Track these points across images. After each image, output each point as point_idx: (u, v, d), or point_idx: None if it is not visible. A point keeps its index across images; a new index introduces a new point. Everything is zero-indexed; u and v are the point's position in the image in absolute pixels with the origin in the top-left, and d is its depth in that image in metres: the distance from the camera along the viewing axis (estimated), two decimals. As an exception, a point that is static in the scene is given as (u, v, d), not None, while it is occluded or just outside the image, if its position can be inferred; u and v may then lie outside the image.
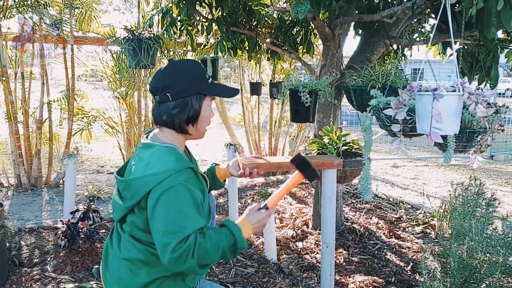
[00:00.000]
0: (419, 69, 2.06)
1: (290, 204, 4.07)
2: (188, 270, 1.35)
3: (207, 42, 4.50)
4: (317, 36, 3.69)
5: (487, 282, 1.86)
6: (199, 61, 4.01)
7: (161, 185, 1.36)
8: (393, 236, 3.28)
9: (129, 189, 1.43)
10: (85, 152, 5.53)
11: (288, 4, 3.31)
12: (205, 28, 3.78)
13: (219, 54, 3.76)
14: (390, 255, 2.97)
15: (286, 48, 3.70)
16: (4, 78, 4.13)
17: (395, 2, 2.74)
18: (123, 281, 1.48)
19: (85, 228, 2.73)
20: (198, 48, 4.51)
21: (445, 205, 3.39)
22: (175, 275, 1.50)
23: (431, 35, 2.03)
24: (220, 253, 1.38)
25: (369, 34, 3.07)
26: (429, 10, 2.89)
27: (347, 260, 2.87)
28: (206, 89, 1.50)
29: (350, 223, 3.50)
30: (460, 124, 1.49)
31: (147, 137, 1.57)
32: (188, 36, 3.76)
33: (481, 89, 1.51)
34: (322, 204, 2.28)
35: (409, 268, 2.78)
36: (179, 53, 4.86)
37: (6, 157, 5.03)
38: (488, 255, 1.86)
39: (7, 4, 4.07)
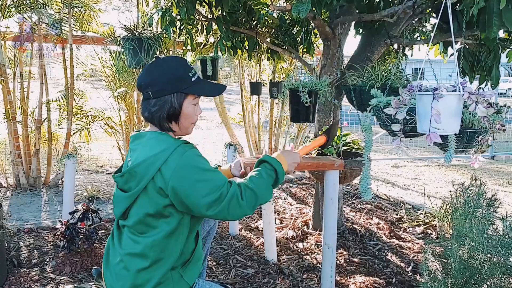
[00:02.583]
0: (420, 68, 2.05)
1: (290, 205, 4.06)
2: (241, 214, 1.44)
3: (207, 42, 4.49)
4: (318, 35, 3.68)
5: (488, 283, 1.84)
6: (199, 60, 4.01)
7: (171, 159, 1.39)
8: (393, 237, 3.27)
9: (134, 176, 1.44)
10: (84, 152, 5.51)
11: (288, 3, 3.29)
12: (204, 27, 3.77)
13: (219, 53, 3.75)
14: (391, 256, 2.95)
15: (286, 47, 3.69)
16: (3, 78, 4.12)
17: (395, 2, 2.72)
18: (123, 277, 1.49)
19: (84, 229, 2.72)
20: (198, 48, 4.49)
21: (446, 206, 3.37)
22: (174, 272, 1.49)
23: (432, 35, 2.02)
24: (266, 189, 1.51)
25: (369, 33, 3.06)
26: (430, 9, 2.87)
27: (348, 260, 2.86)
28: (187, 88, 1.49)
29: (350, 224, 3.49)
30: (460, 124, 1.48)
31: None
32: (187, 35, 3.75)
33: (482, 89, 1.50)
34: (324, 205, 2.27)
35: (410, 268, 2.76)
36: (179, 53, 4.85)
37: (4, 157, 5.01)
38: (489, 255, 1.85)
39: (6, 3, 4.06)
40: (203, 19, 3.72)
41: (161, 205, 1.42)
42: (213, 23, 3.63)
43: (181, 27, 3.62)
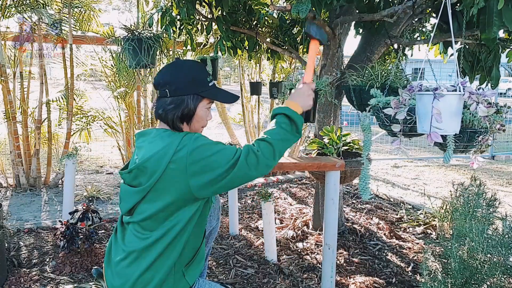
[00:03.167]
0: (420, 68, 2.05)
1: (291, 205, 4.06)
2: (262, 165, 1.43)
3: (207, 42, 4.49)
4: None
5: (488, 283, 1.84)
6: (199, 60, 4.01)
7: (181, 148, 1.41)
8: (393, 237, 3.27)
9: (144, 171, 1.45)
10: (84, 152, 5.52)
11: (288, 3, 3.29)
12: (204, 27, 3.77)
13: (219, 53, 3.75)
14: (391, 256, 2.95)
15: (286, 47, 3.69)
16: (3, 78, 4.12)
17: (395, 2, 2.72)
18: (125, 275, 1.48)
19: (84, 229, 2.72)
20: (198, 48, 4.50)
21: (446, 206, 3.37)
22: (176, 271, 1.49)
23: (432, 35, 2.02)
24: (280, 136, 1.49)
25: (369, 33, 3.06)
26: (430, 9, 2.88)
27: (348, 260, 2.86)
28: (204, 91, 1.54)
29: (350, 224, 3.49)
30: (461, 124, 1.48)
31: None
32: (187, 35, 3.75)
33: (482, 89, 1.50)
34: (325, 205, 2.26)
35: (410, 268, 2.76)
36: (179, 53, 4.85)
37: (4, 157, 5.02)
38: (489, 255, 1.85)
39: (6, 3, 4.06)
40: (203, 19, 3.72)
41: (170, 199, 1.42)
42: (213, 23, 3.63)
43: (181, 27, 3.62)
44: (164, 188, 1.42)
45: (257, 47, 3.94)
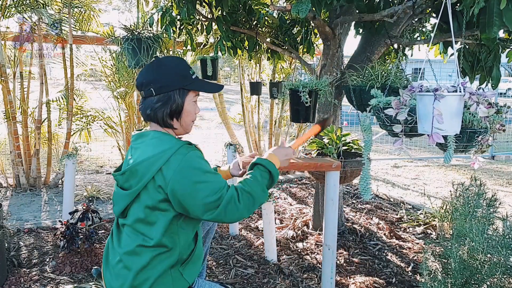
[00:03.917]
0: (420, 68, 2.05)
1: (291, 205, 4.06)
2: (238, 217, 1.45)
3: (207, 42, 4.49)
4: (318, 35, 3.68)
5: (488, 283, 1.84)
6: (199, 60, 4.01)
7: (173, 159, 1.41)
8: (394, 237, 3.27)
9: (135, 175, 1.45)
10: (84, 152, 5.52)
11: (288, 3, 3.29)
12: (204, 27, 3.77)
13: (219, 53, 3.74)
14: (391, 256, 2.95)
15: (286, 47, 3.69)
16: (3, 78, 4.12)
17: (395, 2, 2.72)
18: (122, 276, 1.49)
19: (84, 229, 2.72)
20: (198, 48, 4.49)
21: (446, 206, 3.37)
22: (174, 270, 1.49)
23: (432, 35, 2.02)
24: (262, 191, 1.52)
25: (369, 33, 3.06)
26: (430, 9, 2.87)
27: (348, 260, 2.86)
28: (189, 85, 1.54)
29: (350, 224, 3.49)
30: (461, 124, 1.48)
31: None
32: (187, 35, 3.75)
33: (482, 89, 1.50)
34: (325, 206, 2.26)
35: (410, 268, 2.76)
36: (179, 53, 4.84)
37: (4, 157, 5.02)
38: (489, 255, 1.85)
39: (6, 3, 4.06)
40: (203, 19, 3.72)
41: (157, 200, 1.44)
42: (213, 23, 3.63)
43: (181, 27, 3.62)
44: (151, 192, 1.43)
45: (257, 47, 3.94)
